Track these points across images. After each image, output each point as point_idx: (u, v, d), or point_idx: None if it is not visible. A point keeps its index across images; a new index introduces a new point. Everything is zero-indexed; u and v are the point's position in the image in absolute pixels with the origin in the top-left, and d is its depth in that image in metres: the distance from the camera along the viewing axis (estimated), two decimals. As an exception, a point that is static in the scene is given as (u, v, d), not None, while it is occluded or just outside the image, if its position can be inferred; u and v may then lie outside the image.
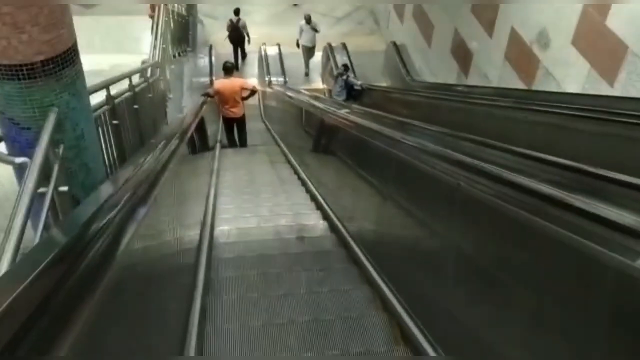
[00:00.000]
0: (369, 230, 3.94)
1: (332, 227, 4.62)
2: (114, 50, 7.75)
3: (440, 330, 2.44)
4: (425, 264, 2.69)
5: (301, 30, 13.78)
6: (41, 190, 2.20)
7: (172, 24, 7.60)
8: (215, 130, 10.10)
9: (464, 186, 2.00)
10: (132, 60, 5.82)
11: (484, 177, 1.83)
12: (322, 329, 2.85)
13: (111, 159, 4.05)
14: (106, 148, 3.93)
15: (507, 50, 8.53)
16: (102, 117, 3.97)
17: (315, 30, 13.85)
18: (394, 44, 14.14)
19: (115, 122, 4.19)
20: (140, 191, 1.84)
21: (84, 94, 2.74)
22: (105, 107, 4.11)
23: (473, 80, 9.81)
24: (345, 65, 12.15)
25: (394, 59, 13.73)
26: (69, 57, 2.51)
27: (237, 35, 14.40)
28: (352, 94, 11.95)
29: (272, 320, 2.96)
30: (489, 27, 9.13)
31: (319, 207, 5.24)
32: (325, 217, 4.90)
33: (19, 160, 2.29)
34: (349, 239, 4.07)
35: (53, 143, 2.42)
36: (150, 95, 5.43)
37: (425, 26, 12.53)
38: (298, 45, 14.19)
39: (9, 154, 2.51)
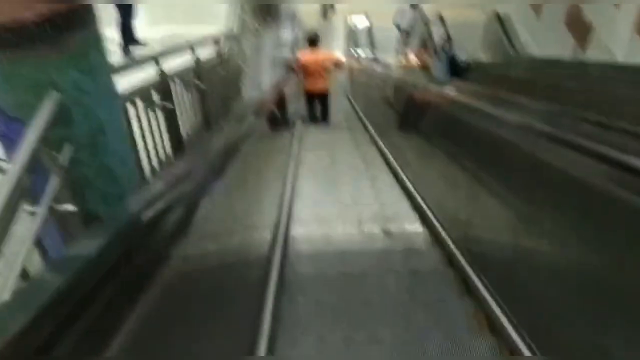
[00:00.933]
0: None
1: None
2: (188, 21, 7.18)
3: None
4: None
5: (402, 12, 11.24)
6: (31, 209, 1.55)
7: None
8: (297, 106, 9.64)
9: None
10: (205, 31, 5.15)
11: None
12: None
13: (161, 153, 3.33)
14: (153, 141, 3.23)
15: (637, 22, 7.23)
16: (145, 99, 3.20)
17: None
18: (497, 14, 12.82)
19: (168, 105, 3.46)
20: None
21: (103, 72, 1.99)
22: (152, 87, 3.34)
23: (593, 55, 8.51)
24: (447, 37, 10.76)
25: (495, 32, 12.41)
26: (78, 16, 1.75)
27: None
28: (456, 70, 10.67)
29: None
30: (616, -6, 7.80)
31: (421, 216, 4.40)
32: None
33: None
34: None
35: (51, 141, 1.76)
36: (222, 71, 4.74)
37: (534, -6, 11.16)
38: (399, 28, 12.15)
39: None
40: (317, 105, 8.94)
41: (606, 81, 5.76)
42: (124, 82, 2.75)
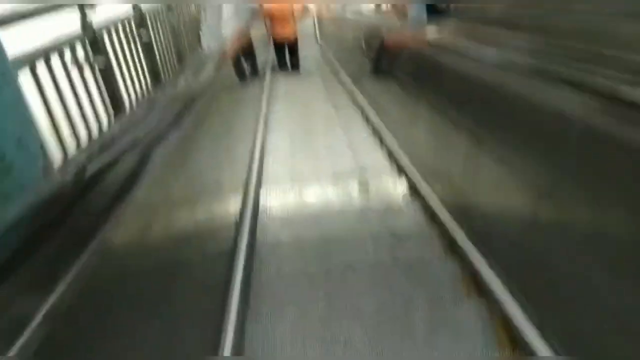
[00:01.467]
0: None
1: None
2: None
3: None
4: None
5: None
6: None
7: None
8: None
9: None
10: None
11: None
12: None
13: (92, 121, 2.65)
14: (79, 108, 2.55)
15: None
16: (64, 56, 2.49)
17: None
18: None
19: (100, 62, 2.82)
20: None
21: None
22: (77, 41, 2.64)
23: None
24: None
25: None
26: None
27: None
28: (434, 16, 9.64)
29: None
30: None
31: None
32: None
33: None
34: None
35: None
36: (173, 20, 4.32)
37: None
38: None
39: None
40: (286, 53, 8.74)
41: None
42: (35, 35, 2.29)
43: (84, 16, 2.69)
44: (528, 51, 2.19)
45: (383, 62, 5.23)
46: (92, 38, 2.75)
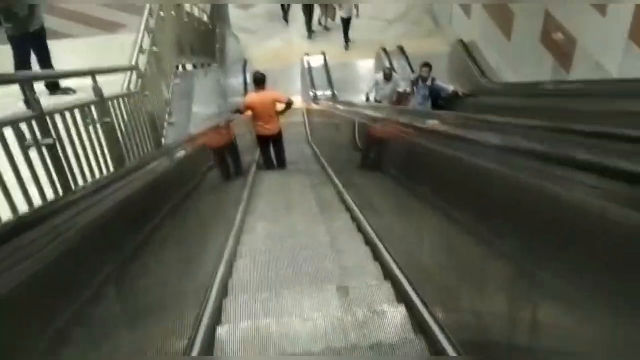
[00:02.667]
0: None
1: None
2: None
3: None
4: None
5: (376, 84, 10.27)
6: None
7: (177, 26, 5.75)
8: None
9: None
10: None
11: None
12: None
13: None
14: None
15: (634, 28, 6.35)
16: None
17: (397, 87, 10.19)
18: (462, 42, 12.02)
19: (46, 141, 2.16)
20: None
21: None
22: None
23: (579, 73, 7.60)
24: (426, 65, 9.38)
25: (462, 60, 11.62)
26: None
27: None
28: (439, 103, 9.17)
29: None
30: None
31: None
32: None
33: None
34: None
35: None
36: (118, 118, 3.48)
37: (502, 16, 10.44)
38: (367, 99, 10.99)
39: None
40: (271, 149, 8.62)
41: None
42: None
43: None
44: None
45: (372, 154, 4.85)
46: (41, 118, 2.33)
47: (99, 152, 2.99)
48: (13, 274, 1.11)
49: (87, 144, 2.81)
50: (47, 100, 5.42)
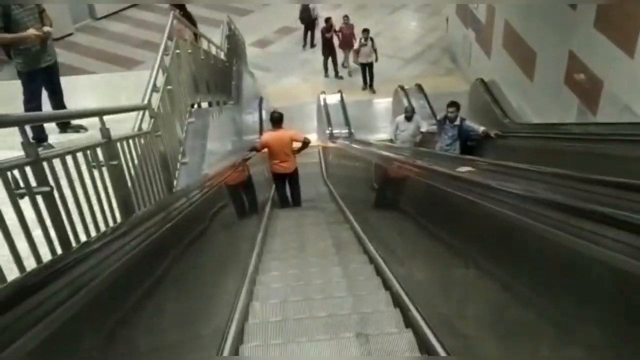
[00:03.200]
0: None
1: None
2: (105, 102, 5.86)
3: None
4: None
5: (397, 127, 9.70)
6: None
7: (192, 64, 5.61)
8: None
9: None
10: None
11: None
12: None
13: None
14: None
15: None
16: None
17: (420, 127, 9.64)
18: (482, 81, 11.86)
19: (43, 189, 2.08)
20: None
21: None
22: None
23: (606, 115, 7.35)
24: (453, 104, 8.42)
25: (482, 99, 11.45)
26: None
27: (308, 17, 15.96)
28: (469, 144, 8.19)
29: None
30: (628, 42, 6.74)
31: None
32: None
33: None
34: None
35: None
36: (127, 159, 3.26)
37: (524, 55, 10.28)
38: (391, 141, 10.55)
39: None
40: (287, 187, 8.74)
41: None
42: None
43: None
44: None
45: (391, 195, 4.69)
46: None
47: (103, 196, 2.79)
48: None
49: (90, 189, 2.61)
50: (56, 139, 5.38)
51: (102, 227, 2.70)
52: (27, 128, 2.27)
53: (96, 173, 2.79)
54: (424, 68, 15.51)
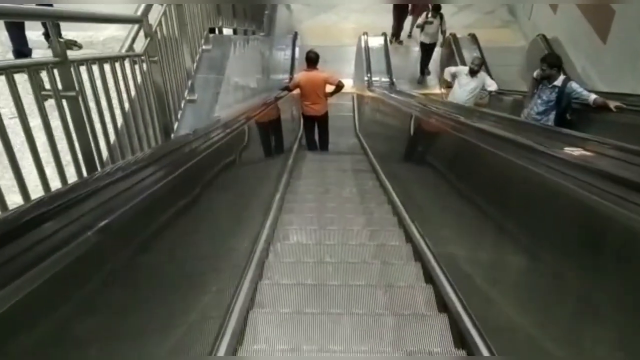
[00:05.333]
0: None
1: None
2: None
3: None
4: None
5: (453, 80, 8.15)
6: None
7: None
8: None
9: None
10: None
11: None
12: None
13: None
14: None
15: None
16: None
17: (486, 86, 7.99)
18: (544, 38, 10.73)
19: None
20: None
21: None
22: None
23: None
24: (552, 56, 6.34)
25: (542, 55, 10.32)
26: None
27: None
28: (568, 117, 6.02)
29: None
30: None
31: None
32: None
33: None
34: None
35: None
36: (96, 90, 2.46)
37: (597, 14, 9.08)
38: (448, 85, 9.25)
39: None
40: (315, 129, 8.75)
41: None
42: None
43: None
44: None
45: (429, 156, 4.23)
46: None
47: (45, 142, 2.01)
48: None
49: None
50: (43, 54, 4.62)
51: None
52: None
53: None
54: (478, 17, 14.26)
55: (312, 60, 7.86)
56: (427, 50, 11.57)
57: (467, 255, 2.94)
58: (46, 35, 4.57)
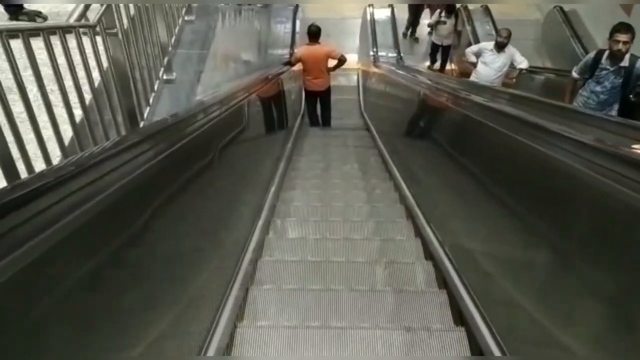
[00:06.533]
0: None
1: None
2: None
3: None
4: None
5: (478, 55, 7.22)
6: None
7: None
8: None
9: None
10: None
11: None
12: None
13: None
14: None
15: None
16: None
17: (515, 62, 7.20)
18: (561, 10, 10.09)
19: None
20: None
21: None
22: None
23: None
24: (624, 29, 4.98)
25: (559, 33, 9.78)
26: None
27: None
28: (632, 99, 4.97)
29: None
30: None
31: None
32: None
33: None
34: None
35: None
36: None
37: (621, -18, 8.46)
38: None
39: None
40: (317, 105, 8.70)
41: None
42: None
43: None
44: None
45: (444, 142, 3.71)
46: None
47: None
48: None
49: None
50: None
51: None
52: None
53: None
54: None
55: (313, 34, 7.79)
56: (438, 47, 10.30)
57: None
58: (6, 6, 4.04)
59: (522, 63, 7.05)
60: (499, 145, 2.36)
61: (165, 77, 3.31)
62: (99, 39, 2.51)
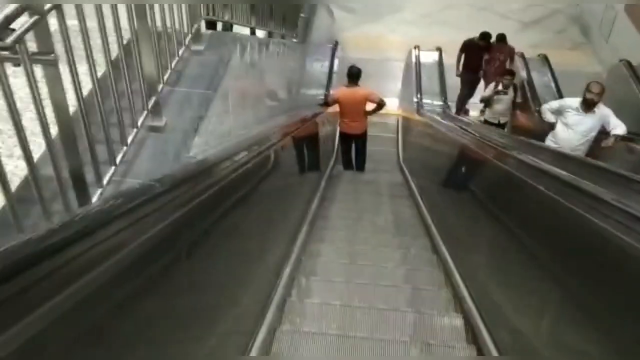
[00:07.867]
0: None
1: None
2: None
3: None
4: None
5: (560, 114, 6.13)
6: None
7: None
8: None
9: None
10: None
11: None
12: None
13: None
14: None
15: None
16: None
17: (609, 127, 5.91)
18: (628, 64, 9.16)
19: None
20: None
21: None
22: None
23: None
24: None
25: (626, 88, 8.79)
26: None
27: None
28: None
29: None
30: None
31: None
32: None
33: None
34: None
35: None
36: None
37: None
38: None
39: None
40: (352, 148, 8.45)
41: None
42: None
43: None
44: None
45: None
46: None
47: None
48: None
49: None
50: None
51: None
52: None
53: None
54: (545, 37, 12.75)
55: (353, 75, 7.55)
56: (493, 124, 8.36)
57: None
58: None
59: (618, 128, 5.68)
60: (564, 222, 2.12)
61: (151, 123, 2.48)
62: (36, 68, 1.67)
